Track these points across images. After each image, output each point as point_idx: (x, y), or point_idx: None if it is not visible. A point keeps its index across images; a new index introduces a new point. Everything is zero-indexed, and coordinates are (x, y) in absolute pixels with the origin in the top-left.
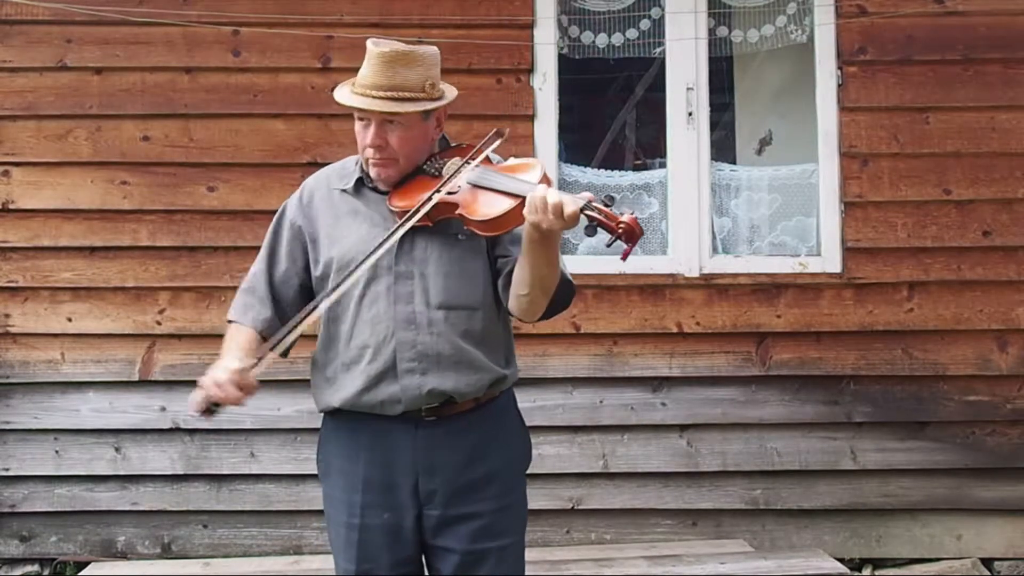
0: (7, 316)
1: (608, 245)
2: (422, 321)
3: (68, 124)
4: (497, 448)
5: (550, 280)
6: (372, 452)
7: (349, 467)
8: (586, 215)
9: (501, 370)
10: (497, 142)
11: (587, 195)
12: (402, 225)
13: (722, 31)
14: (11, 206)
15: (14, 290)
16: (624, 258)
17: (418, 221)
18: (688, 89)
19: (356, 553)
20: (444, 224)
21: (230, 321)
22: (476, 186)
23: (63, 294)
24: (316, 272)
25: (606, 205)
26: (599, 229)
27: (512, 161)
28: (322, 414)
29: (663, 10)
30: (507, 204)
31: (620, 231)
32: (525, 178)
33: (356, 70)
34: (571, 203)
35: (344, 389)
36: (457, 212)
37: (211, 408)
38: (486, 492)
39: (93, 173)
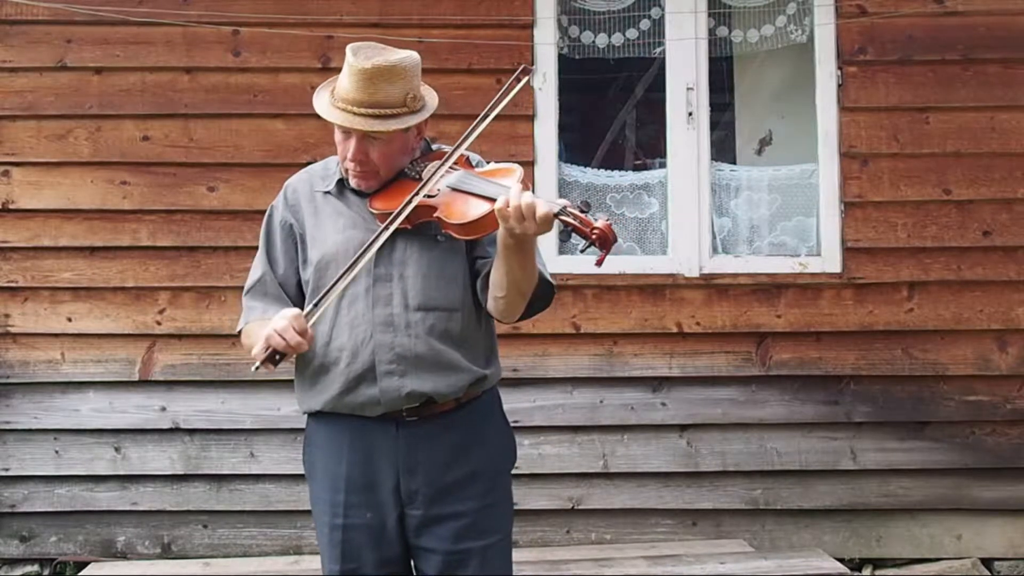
0: (7, 316)
1: (582, 251)
2: (400, 323)
3: (68, 124)
4: (479, 448)
5: (525, 283)
6: (354, 452)
7: (332, 467)
8: (560, 220)
9: (481, 370)
10: (524, 80)
11: (563, 201)
12: (385, 229)
13: (722, 31)
14: (11, 206)
15: (14, 290)
16: (599, 264)
17: (399, 224)
18: (688, 89)
19: (340, 553)
20: (424, 226)
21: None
22: (455, 190)
23: (63, 294)
24: (304, 274)
25: (582, 211)
26: (573, 234)
27: (492, 166)
28: (305, 415)
29: (663, 10)
30: (484, 208)
31: (594, 236)
32: (504, 182)
33: None
34: (544, 207)
35: (325, 392)
36: (435, 215)
37: (274, 357)
38: (468, 492)
39: (93, 173)
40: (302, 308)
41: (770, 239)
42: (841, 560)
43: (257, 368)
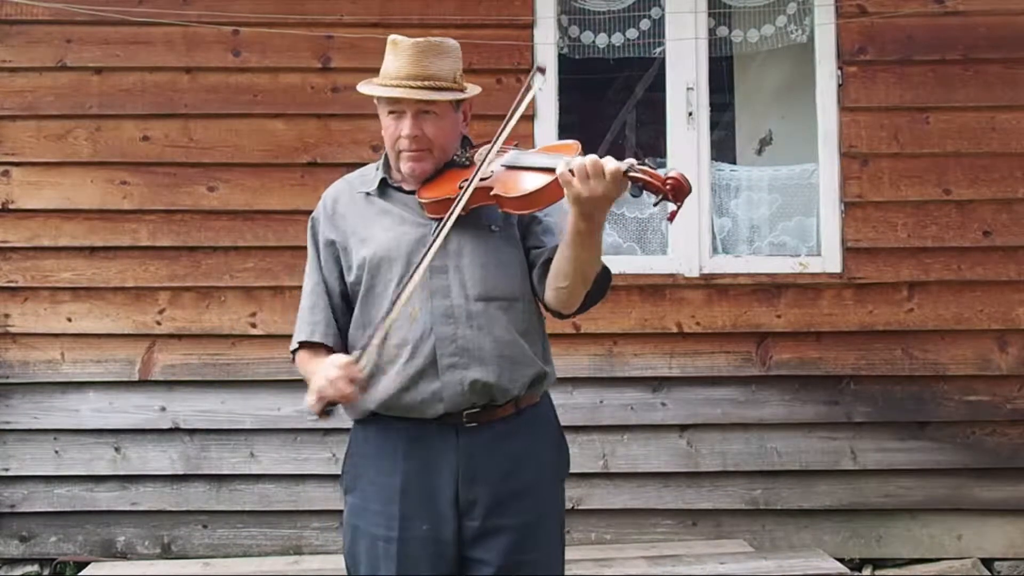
0: (7, 316)
1: (655, 204)
2: (461, 314)
3: (68, 124)
4: (536, 457)
5: (591, 270)
6: (410, 461)
7: (384, 478)
8: (629, 176)
9: (543, 365)
10: (541, 80)
11: (629, 159)
12: (450, 216)
13: (722, 31)
14: (11, 206)
15: (14, 290)
16: (671, 219)
17: (459, 212)
18: (688, 89)
19: (396, 566)
20: (476, 216)
21: (305, 343)
22: (511, 167)
23: (63, 294)
24: (350, 278)
25: (650, 167)
26: (644, 190)
27: (549, 143)
28: (353, 421)
29: (663, 10)
30: (543, 179)
31: (668, 188)
32: (563, 156)
33: (356, 70)
34: (613, 163)
35: (381, 391)
36: (492, 194)
37: (328, 409)
38: (524, 503)
39: (93, 173)
40: (345, 317)
41: (770, 239)
42: (841, 560)
43: (315, 419)
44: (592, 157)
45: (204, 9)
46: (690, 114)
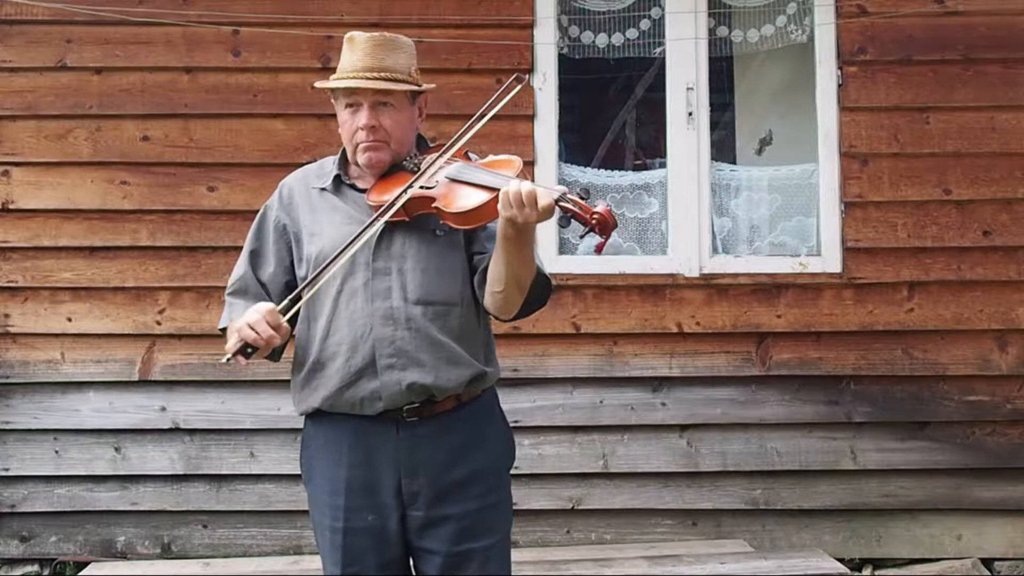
0: (7, 316)
1: (581, 237)
2: (400, 317)
3: (68, 124)
4: (480, 448)
5: (525, 277)
6: (354, 454)
7: (332, 470)
8: (560, 206)
9: (481, 366)
10: (516, 88)
11: (562, 187)
12: (378, 218)
13: (722, 31)
14: (11, 206)
15: (14, 290)
16: (599, 251)
17: (394, 216)
18: (688, 89)
19: (342, 557)
20: (423, 220)
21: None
22: (454, 180)
23: (63, 294)
24: (300, 271)
25: (582, 198)
26: (573, 220)
27: (491, 158)
28: (303, 417)
29: (663, 10)
30: (483, 197)
31: (593, 221)
32: (503, 173)
33: None
34: (545, 194)
35: (323, 388)
36: (433, 205)
37: (245, 349)
38: (469, 492)
39: (93, 173)
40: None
41: (770, 239)
42: (841, 560)
43: (228, 360)
44: (528, 187)
45: (204, 9)
46: (690, 114)
